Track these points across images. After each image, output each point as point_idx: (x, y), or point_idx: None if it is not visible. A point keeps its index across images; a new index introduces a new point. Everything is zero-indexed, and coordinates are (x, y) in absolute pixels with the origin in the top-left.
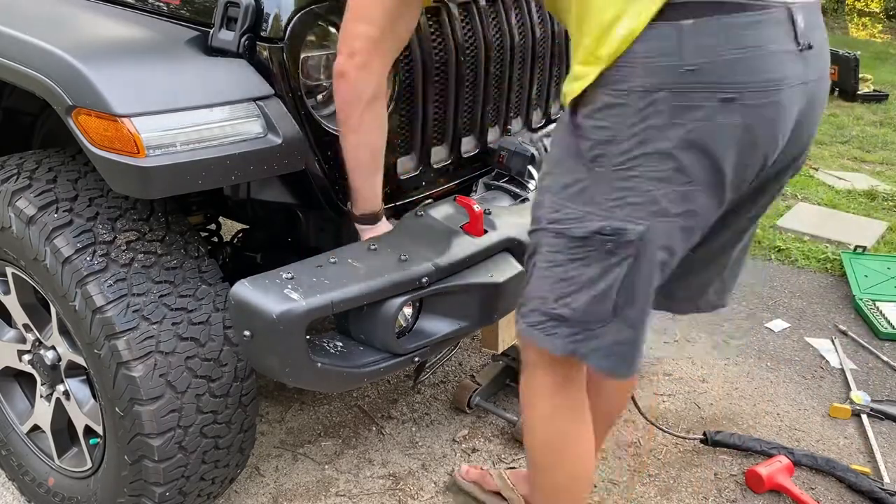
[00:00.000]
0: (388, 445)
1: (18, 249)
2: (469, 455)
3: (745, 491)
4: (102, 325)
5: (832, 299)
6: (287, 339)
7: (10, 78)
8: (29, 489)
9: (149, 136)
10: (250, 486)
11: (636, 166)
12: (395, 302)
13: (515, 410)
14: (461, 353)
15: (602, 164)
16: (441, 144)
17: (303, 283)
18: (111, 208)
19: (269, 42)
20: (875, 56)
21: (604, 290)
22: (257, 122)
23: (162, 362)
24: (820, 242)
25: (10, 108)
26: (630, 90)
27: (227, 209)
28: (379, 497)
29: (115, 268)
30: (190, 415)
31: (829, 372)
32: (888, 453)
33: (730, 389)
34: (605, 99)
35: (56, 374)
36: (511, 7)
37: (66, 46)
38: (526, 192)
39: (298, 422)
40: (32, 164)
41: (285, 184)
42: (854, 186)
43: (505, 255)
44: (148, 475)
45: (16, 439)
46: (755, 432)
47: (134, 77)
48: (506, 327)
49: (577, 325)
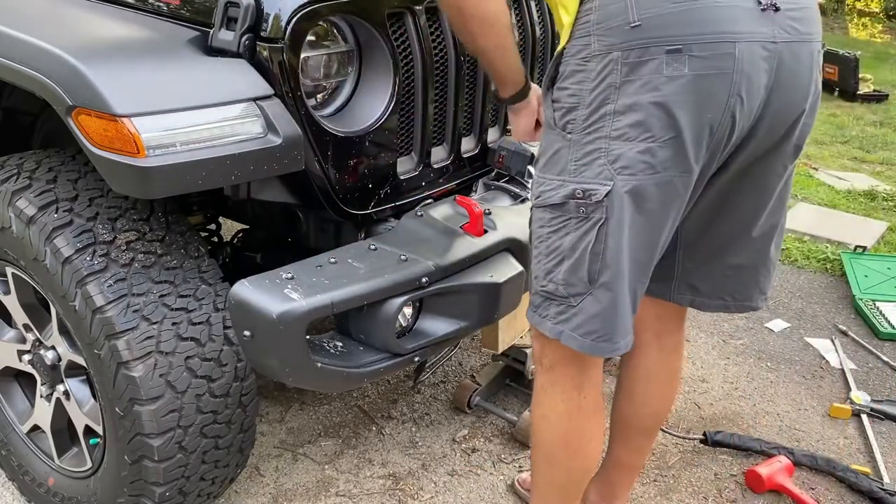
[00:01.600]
0: (388, 445)
1: (18, 249)
2: (469, 455)
3: (745, 491)
4: (102, 325)
5: (832, 299)
6: (287, 339)
7: (10, 78)
8: (29, 489)
9: (149, 136)
10: (250, 486)
11: (600, 127)
12: (395, 302)
13: (515, 410)
14: (461, 353)
15: (571, 129)
16: (441, 144)
17: (303, 283)
18: (111, 208)
19: (269, 42)
20: (875, 56)
21: (579, 256)
22: (257, 122)
23: (162, 362)
24: (820, 242)
25: (10, 108)
26: (590, 55)
27: (227, 209)
28: (379, 497)
29: (115, 268)
30: (190, 415)
31: (829, 372)
32: (888, 453)
33: (730, 389)
34: (571, 68)
35: (56, 374)
36: (511, 7)
37: (67, 46)
38: (526, 192)
39: (298, 422)
40: (32, 164)
41: (285, 184)
42: (854, 186)
43: (505, 255)
44: (148, 475)
45: (16, 439)
46: (755, 432)
47: (134, 77)
48: (506, 327)
49: (561, 300)
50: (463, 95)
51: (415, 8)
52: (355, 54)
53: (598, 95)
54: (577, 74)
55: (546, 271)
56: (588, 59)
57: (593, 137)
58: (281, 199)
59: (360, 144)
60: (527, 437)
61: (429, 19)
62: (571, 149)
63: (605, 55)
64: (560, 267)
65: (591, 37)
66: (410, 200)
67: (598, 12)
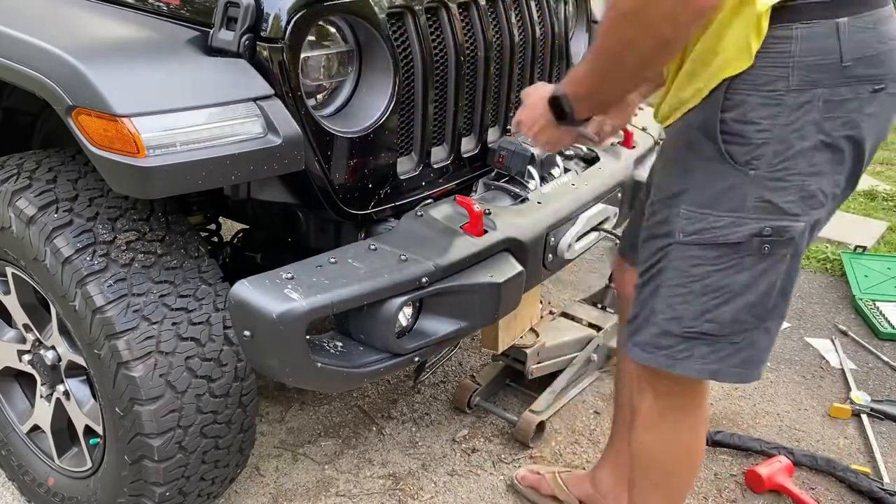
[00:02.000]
0: (388, 445)
1: (18, 249)
2: (469, 455)
3: (745, 491)
4: (102, 325)
5: (832, 299)
6: (287, 339)
7: (10, 78)
8: (29, 489)
9: (149, 136)
10: (250, 486)
11: (795, 164)
12: (395, 302)
13: (515, 410)
14: (461, 353)
15: (757, 166)
16: (441, 144)
17: (303, 283)
18: (111, 208)
19: (269, 42)
20: None
21: (761, 294)
22: (257, 122)
23: (162, 362)
24: (820, 242)
25: (10, 108)
26: (787, 90)
27: (227, 209)
28: (379, 497)
29: (115, 268)
30: (190, 415)
31: (829, 372)
32: (888, 453)
33: (730, 389)
34: (756, 100)
35: (56, 374)
36: (511, 7)
37: (66, 46)
38: (526, 192)
39: (298, 422)
40: (32, 164)
41: (285, 184)
42: None
43: (505, 255)
44: (148, 475)
45: (16, 439)
46: (755, 432)
47: (134, 77)
48: (506, 327)
49: (719, 339)
50: (463, 95)
51: (415, 8)
52: (355, 54)
53: (794, 131)
54: (766, 108)
55: (700, 311)
56: (783, 92)
57: (786, 174)
58: (281, 199)
59: (360, 144)
60: (527, 436)
61: (429, 19)
62: (754, 185)
63: (805, 90)
64: (726, 306)
65: (788, 69)
66: (410, 200)
67: (801, 43)
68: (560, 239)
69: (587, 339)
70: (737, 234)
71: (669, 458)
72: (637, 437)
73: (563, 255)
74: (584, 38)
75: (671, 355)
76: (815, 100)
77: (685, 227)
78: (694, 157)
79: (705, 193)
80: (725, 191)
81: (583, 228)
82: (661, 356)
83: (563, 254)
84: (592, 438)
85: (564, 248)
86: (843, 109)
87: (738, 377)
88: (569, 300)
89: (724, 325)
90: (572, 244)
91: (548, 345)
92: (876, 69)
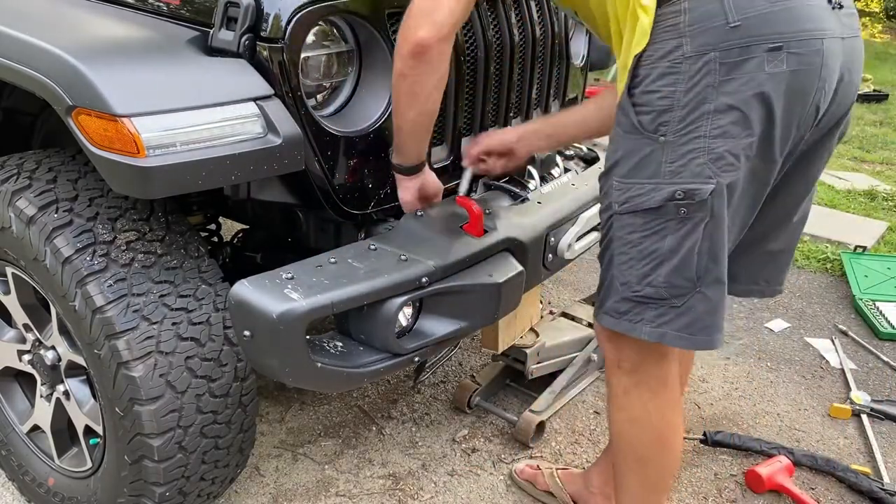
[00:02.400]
0: (388, 445)
1: (18, 249)
2: (469, 455)
3: (745, 491)
4: (102, 325)
5: (832, 299)
6: (287, 339)
7: (10, 78)
8: (29, 489)
9: (149, 136)
10: (250, 486)
11: (698, 126)
12: (395, 302)
13: (515, 410)
14: (461, 353)
15: (664, 131)
16: (441, 144)
17: (303, 283)
18: (111, 208)
19: (269, 42)
20: (875, 56)
21: (684, 257)
22: (257, 122)
23: (162, 362)
24: (820, 242)
25: (10, 108)
26: (682, 57)
27: (227, 209)
28: (379, 497)
29: (115, 268)
30: (190, 415)
31: (829, 372)
32: (888, 453)
33: (730, 389)
34: (659, 70)
35: (56, 374)
36: (511, 7)
37: (66, 46)
38: (526, 192)
39: (298, 422)
40: (32, 164)
41: (285, 184)
42: (854, 186)
43: (505, 255)
44: (148, 475)
45: (16, 439)
46: (755, 432)
47: (134, 77)
48: (506, 327)
49: (662, 303)
50: (462, 95)
51: None
52: (355, 54)
53: (695, 96)
54: (667, 76)
55: (641, 276)
56: (680, 60)
57: (691, 137)
58: (281, 199)
59: (360, 144)
60: (527, 436)
61: None
62: (665, 151)
63: (701, 56)
64: (659, 270)
65: (682, 38)
66: None
67: (688, 14)
68: (560, 239)
69: (587, 338)
70: (654, 199)
71: (641, 442)
72: (611, 417)
73: (563, 255)
74: (583, 39)
75: (630, 319)
76: (711, 62)
77: (618, 198)
78: (620, 132)
79: (629, 163)
80: (643, 159)
81: (583, 228)
82: (625, 321)
83: (564, 254)
84: (592, 438)
85: (564, 248)
86: (741, 70)
87: (685, 342)
88: (569, 300)
89: (660, 289)
90: (572, 244)
91: (548, 345)
92: (770, 28)
